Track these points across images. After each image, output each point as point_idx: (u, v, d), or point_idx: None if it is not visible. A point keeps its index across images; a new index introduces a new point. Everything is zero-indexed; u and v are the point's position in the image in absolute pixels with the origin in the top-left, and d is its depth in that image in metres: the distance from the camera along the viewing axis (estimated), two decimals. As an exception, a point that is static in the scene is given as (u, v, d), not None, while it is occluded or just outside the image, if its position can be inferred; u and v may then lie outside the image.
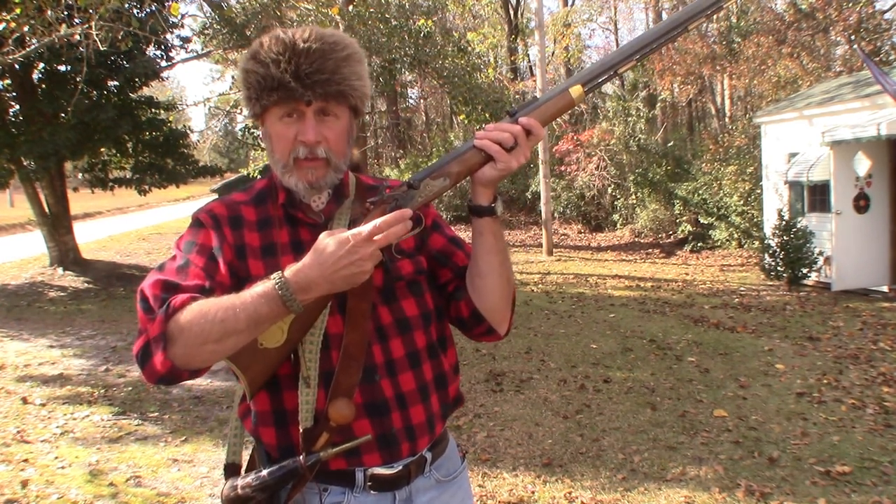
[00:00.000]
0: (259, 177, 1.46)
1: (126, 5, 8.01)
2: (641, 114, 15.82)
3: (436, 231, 1.42)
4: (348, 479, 1.28)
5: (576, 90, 1.27)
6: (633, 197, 15.52)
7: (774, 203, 10.41)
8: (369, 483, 1.28)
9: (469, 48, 13.83)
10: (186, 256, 1.25)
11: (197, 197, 29.95)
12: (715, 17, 19.50)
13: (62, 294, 10.23)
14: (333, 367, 1.24)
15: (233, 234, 1.29)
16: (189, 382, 5.71)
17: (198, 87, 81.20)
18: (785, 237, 8.94)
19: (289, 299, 1.11)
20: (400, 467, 1.30)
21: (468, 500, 1.46)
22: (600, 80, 1.29)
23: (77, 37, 6.49)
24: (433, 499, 1.36)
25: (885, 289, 8.67)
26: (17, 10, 6.03)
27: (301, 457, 1.22)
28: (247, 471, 1.30)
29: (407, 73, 14.94)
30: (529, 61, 23.20)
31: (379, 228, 1.13)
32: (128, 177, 12.13)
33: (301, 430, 1.23)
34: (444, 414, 1.39)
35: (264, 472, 1.22)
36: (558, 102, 1.28)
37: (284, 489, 1.25)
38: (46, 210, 11.32)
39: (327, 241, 1.12)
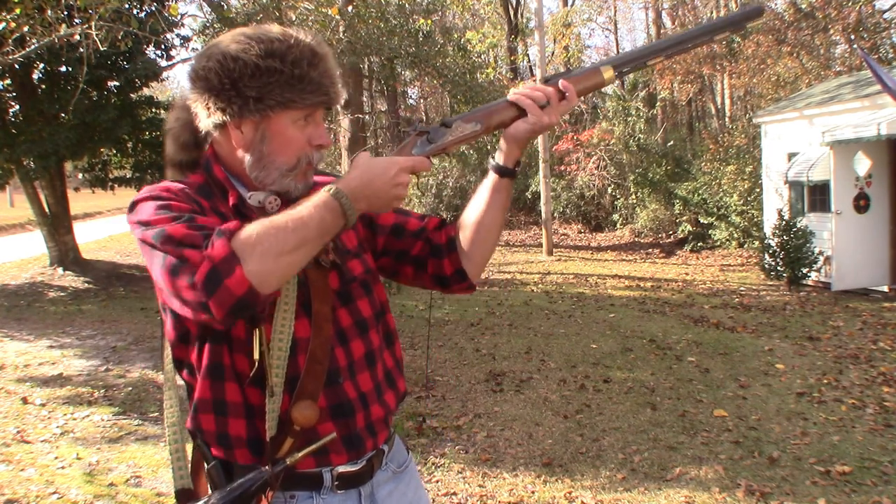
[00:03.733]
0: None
1: (126, 5, 8.01)
2: (641, 113, 15.82)
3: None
4: (315, 481, 1.27)
5: (607, 71, 1.35)
6: (633, 197, 15.52)
7: (774, 203, 10.41)
8: (336, 482, 1.28)
9: (469, 47, 13.82)
10: (175, 214, 1.13)
11: (197, 197, 29.88)
12: (716, 16, 19.50)
13: (62, 294, 10.23)
14: (299, 372, 1.23)
15: (206, 203, 1.23)
16: (189, 382, 5.71)
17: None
18: (785, 237, 8.93)
19: (349, 208, 1.14)
20: (363, 463, 1.31)
21: (421, 488, 1.48)
22: (629, 68, 1.36)
23: (77, 37, 6.49)
24: (392, 491, 1.38)
25: (885, 289, 8.67)
26: (17, 10, 6.02)
27: (266, 466, 1.19)
28: (201, 492, 1.27)
29: (407, 72, 14.94)
30: (529, 61, 23.17)
31: (413, 162, 1.22)
32: (128, 176, 12.12)
33: (267, 440, 1.21)
34: (397, 408, 1.42)
35: (226, 490, 1.17)
36: (590, 77, 1.36)
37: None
38: (46, 210, 11.30)
39: (377, 160, 1.18)
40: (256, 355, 1.18)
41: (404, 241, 1.44)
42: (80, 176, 13.20)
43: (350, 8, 10.71)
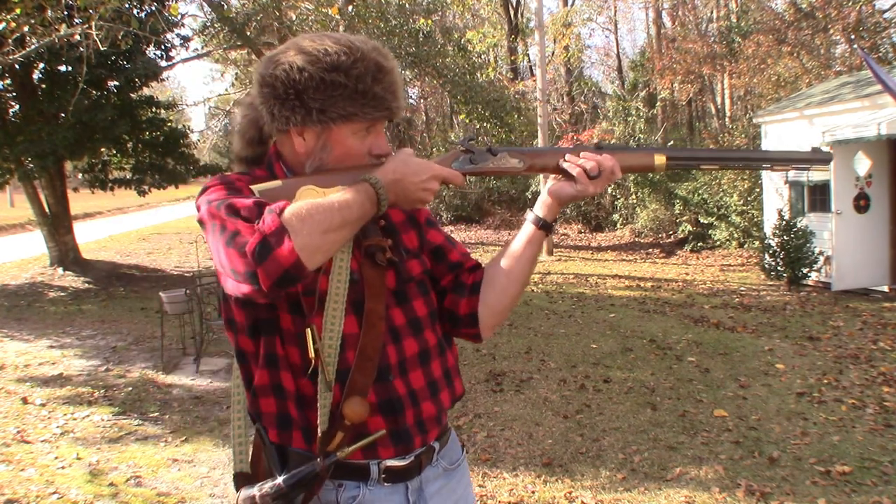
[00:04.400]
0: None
1: (126, 5, 8.01)
2: (641, 113, 15.81)
3: (432, 227, 1.49)
4: (363, 472, 1.29)
5: (660, 158, 1.41)
6: (634, 197, 15.52)
7: (775, 203, 10.41)
8: (383, 475, 1.30)
9: (469, 47, 13.83)
10: (244, 195, 1.19)
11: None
12: (716, 16, 19.41)
13: (62, 294, 10.23)
14: (349, 366, 1.26)
15: None
16: (189, 382, 5.71)
17: (198, 87, 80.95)
18: (785, 237, 8.94)
19: (383, 199, 1.20)
20: (412, 458, 1.33)
21: (469, 487, 1.50)
22: (682, 163, 1.44)
23: (77, 37, 6.49)
24: (441, 487, 1.39)
25: (885, 288, 8.67)
26: (17, 10, 6.02)
27: (318, 459, 1.23)
28: (258, 476, 1.30)
29: (407, 72, 14.96)
30: (529, 61, 23.17)
31: (448, 174, 1.30)
32: (127, 177, 12.11)
33: (319, 434, 1.24)
34: (451, 407, 1.44)
35: (280, 480, 1.21)
36: (641, 158, 1.41)
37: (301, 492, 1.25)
38: (46, 210, 11.30)
39: (414, 160, 1.25)
40: (312, 353, 1.22)
41: (440, 267, 1.46)
42: (79, 176, 13.18)
43: (350, 8, 10.71)
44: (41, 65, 10.21)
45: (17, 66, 9.31)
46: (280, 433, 1.28)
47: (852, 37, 14.08)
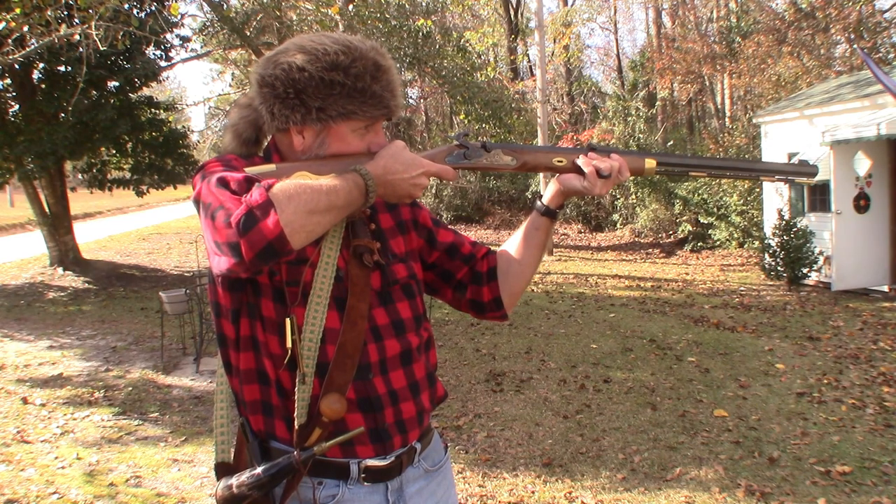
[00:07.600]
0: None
1: (126, 5, 8.00)
2: (641, 113, 15.81)
3: (440, 227, 1.53)
4: (343, 471, 1.30)
5: (650, 162, 1.44)
6: (634, 197, 15.52)
7: (774, 203, 10.41)
8: (363, 475, 1.31)
9: (468, 47, 13.81)
10: (237, 172, 1.19)
11: (197, 197, 29.89)
12: (716, 16, 19.41)
13: (62, 294, 10.23)
14: (328, 360, 1.27)
15: None
16: (189, 383, 5.71)
17: (198, 87, 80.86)
18: (785, 237, 8.93)
19: (371, 191, 1.21)
20: (392, 458, 1.34)
21: (451, 489, 1.51)
22: (670, 168, 1.47)
23: (77, 37, 6.49)
24: (422, 488, 1.40)
25: (885, 288, 8.67)
26: (17, 10, 6.02)
27: (295, 452, 1.23)
28: (239, 468, 1.31)
29: (406, 72, 14.95)
30: (529, 61, 23.17)
31: (438, 169, 1.31)
32: (126, 177, 12.10)
33: (296, 427, 1.25)
34: (432, 409, 1.45)
35: (258, 470, 1.22)
36: (633, 161, 1.44)
37: (279, 486, 1.26)
38: (46, 210, 11.30)
39: (405, 154, 1.26)
40: (289, 343, 1.23)
41: (454, 263, 1.52)
42: (79, 176, 13.17)
43: (350, 8, 10.71)
44: (41, 65, 10.21)
45: (16, 66, 9.31)
46: (265, 420, 1.29)
47: (852, 37, 14.08)
